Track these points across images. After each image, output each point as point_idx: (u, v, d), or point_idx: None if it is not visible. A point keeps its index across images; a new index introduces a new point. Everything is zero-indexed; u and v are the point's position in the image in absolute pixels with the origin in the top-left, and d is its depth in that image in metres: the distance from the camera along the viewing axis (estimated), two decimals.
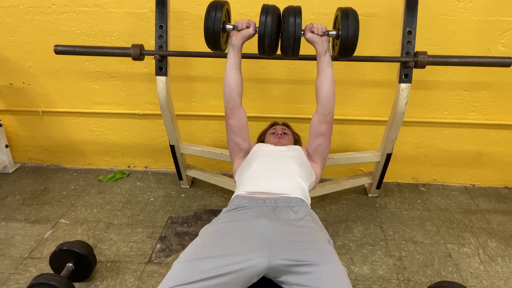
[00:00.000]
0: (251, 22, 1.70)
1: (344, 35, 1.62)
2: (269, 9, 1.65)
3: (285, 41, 1.64)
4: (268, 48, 1.69)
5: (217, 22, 1.64)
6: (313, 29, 1.68)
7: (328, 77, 1.69)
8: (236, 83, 1.74)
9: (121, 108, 2.74)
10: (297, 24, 1.59)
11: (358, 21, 1.63)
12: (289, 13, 1.62)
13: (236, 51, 1.72)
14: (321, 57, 1.69)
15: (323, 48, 1.67)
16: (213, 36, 1.66)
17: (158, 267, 2.04)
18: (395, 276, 2.00)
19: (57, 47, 2.06)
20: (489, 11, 2.24)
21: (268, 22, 1.61)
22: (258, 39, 1.67)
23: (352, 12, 1.65)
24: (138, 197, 2.66)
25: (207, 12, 1.65)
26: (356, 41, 1.64)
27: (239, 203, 1.56)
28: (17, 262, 2.06)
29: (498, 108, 2.54)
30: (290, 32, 1.60)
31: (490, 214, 2.52)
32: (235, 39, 1.71)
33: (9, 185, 2.78)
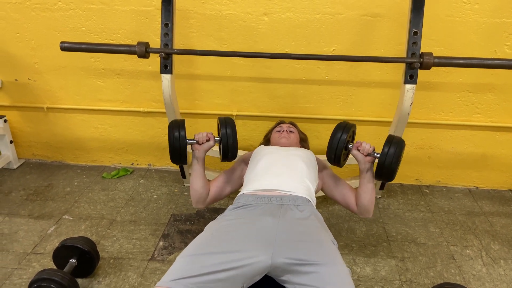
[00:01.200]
0: (210, 135, 1.74)
1: (382, 162, 1.61)
2: (226, 121, 1.72)
3: (328, 151, 1.69)
4: (231, 157, 1.74)
5: (182, 140, 1.68)
6: (359, 148, 1.69)
7: (369, 192, 1.70)
8: (204, 188, 1.78)
9: (126, 106, 2.74)
10: (341, 140, 1.64)
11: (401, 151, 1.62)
12: (338, 128, 1.68)
13: (201, 162, 1.76)
14: (362, 173, 1.70)
15: (365, 167, 1.69)
16: (180, 154, 1.70)
17: (161, 264, 2.05)
18: (398, 277, 2.00)
19: (63, 44, 2.07)
20: (496, 13, 2.24)
21: (229, 134, 1.68)
22: (222, 149, 1.72)
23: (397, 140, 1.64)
24: (141, 194, 2.67)
25: (171, 132, 1.69)
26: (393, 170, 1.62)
27: (245, 201, 1.57)
28: (20, 257, 2.07)
29: (503, 110, 2.53)
30: (333, 145, 1.66)
31: (494, 216, 2.52)
32: (198, 152, 1.75)
33: (13, 180, 2.80)
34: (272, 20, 2.35)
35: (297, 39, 2.39)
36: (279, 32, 2.38)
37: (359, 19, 2.31)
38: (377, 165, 1.64)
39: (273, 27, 2.37)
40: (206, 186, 1.79)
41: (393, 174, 1.62)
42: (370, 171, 1.69)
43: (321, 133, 2.70)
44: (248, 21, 2.37)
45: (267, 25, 2.37)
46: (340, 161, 1.71)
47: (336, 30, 2.35)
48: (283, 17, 2.34)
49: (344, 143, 1.66)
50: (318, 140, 2.69)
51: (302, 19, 2.34)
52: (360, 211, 1.75)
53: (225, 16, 2.36)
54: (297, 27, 2.36)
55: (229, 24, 2.38)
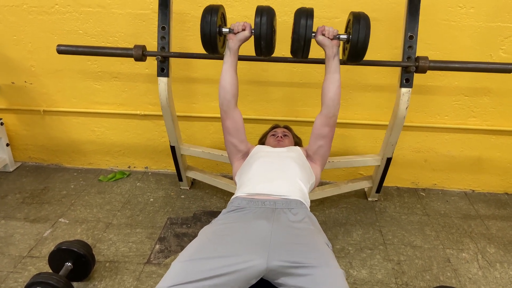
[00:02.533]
0: (246, 25, 1.71)
1: (355, 39, 1.62)
2: (263, 10, 1.66)
3: (295, 43, 1.65)
4: (265, 49, 1.71)
5: (213, 26, 1.65)
6: (324, 32, 1.68)
7: (335, 81, 1.70)
8: (232, 85, 1.76)
9: (122, 109, 2.74)
10: (308, 26, 1.59)
11: (369, 27, 1.63)
12: (301, 14, 1.63)
13: (233, 54, 1.74)
14: (330, 60, 1.69)
15: (333, 51, 1.68)
16: (210, 40, 1.67)
17: (157, 267, 2.04)
18: (394, 281, 2.00)
19: (59, 47, 2.07)
20: (491, 17, 2.25)
21: (263, 23, 1.62)
22: (254, 41, 1.69)
23: (364, 17, 1.64)
24: (138, 197, 2.66)
25: (203, 17, 1.66)
26: (366, 46, 1.64)
27: (238, 205, 1.57)
28: (16, 260, 2.06)
29: (499, 114, 2.54)
30: (301, 33, 1.61)
31: (490, 219, 2.52)
32: (231, 42, 1.73)
33: (9, 183, 2.79)
34: None
35: None
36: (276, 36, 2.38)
37: None
38: (350, 45, 1.63)
39: None
40: (235, 86, 1.76)
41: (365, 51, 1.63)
42: (337, 56, 1.69)
43: None
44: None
45: None
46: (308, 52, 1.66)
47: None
48: (279, 20, 2.34)
49: (312, 29, 1.60)
50: None
51: None
52: (328, 108, 1.73)
53: None
54: None
55: None
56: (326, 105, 1.74)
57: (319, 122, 1.79)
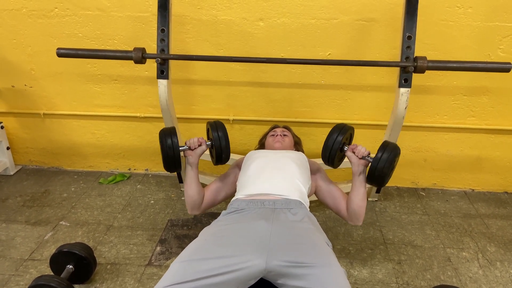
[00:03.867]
0: (201, 140, 1.76)
1: (374, 166, 1.62)
2: (216, 125, 1.75)
3: (323, 151, 1.72)
4: (225, 159, 1.77)
5: (176, 148, 1.70)
6: (354, 150, 1.71)
7: (360, 196, 1.70)
8: (199, 194, 1.79)
9: (122, 111, 2.75)
10: (337, 141, 1.67)
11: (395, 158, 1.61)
12: (336, 129, 1.70)
13: (194, 167, 1.78)
14: (355, 176, 1.71)
15: (358, 170, 1.70)
16: (174, 161, 1.72)
17: (158, 269, 2.05)
18: (394, 280, 2.01)
19: (59, 50, 2.08)
20: (489, 16, 2.26)
21: (221, 137, 1.71)
22: (215, 153, 1.74)
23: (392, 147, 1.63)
24: (139, 199, 2.67)
25: (163, 140, 1.70)
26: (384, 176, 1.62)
27: (237, 206, 1.58)
28: (17, 263, 2.07)
29: (498, 113, 2.55)
30: (328, 145, 1.69)
31: (490, 218, 2.53)
32: (191, 158, 1.76)
33: (10, 187, 2.79)
34: (267, 25, 2.37)
35: (293, 43, 2.41)
36: (275, 37, 2.40)
37: (354, 23, 2.33)
38: (369, 169, 1.65)
39: (269, 32, 2.39)
40: (201, 192, 1.80)
41: (384, 180, 1.63)
42: (363, 175, 1.70)
43: (317, 137, 2.71)
44: (244, 26, 2.38)
45: (263, 30, 2.39)
46: (334, 162, 1.72)
47: (331, 35, 2.37)
48: (278, 22, 2.36)
49: (340, 144, 1.67)
50: (315, 144, 2.70)
51: (298, 24, 2.35)
52: (350, 216, 1.75)
53: (221, 22, 2.38)
54: (293, 32, 2.38)
55: (225, 29, 2.40)
56: (350, 215, 1.75)
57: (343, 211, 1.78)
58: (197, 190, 1.78)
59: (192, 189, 1.77)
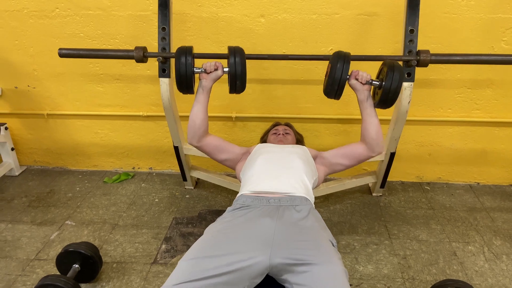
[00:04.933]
0: (218, 64, 1.75)
1: (387, 87, 1.64)
2: (235, 50, 1.72)
3: (329, 85, 1.69)
4: (240, 88, 1.76)
5: (189, 67, 1.68)
6: (357, 77, 1.71)
7: (374, 123, 1.73)
8: (203, 121, 1.80)
9: (125, 110, 2.75)
10: (345, 70, 1.64)
11: (403, 77, 1.65)
12: (338, 58, 1.68)
13: (206, 92, 1.77)
14: (363, 103, 1.72)
15: (364, 96, 1.71)
16: (186, 80, 1.71)
17: (164, 267, 2.06)
18: (400, 275, 2.00)
19: (61, 50, 2.08)
20: (492, 8, 2.24)
21: (238, 63, 1.69)
22: (229, 80, 1.73)
23: (398, 67, 1.66)
24: (143, 198, 2.68)
25: (178, 58, 1.69)
26: (397, 95, 1.66)
27: (243, 202, 1.58)
28: (24, 263, 2.08)
29: (502, 105, 2.53)
30: (336, 77, 1.66)
31: (495, 212, 2.52)
32: (205, 81, 1.76)
33: (15, 187, 2.81)
34: (268, 21, 2.36)
35: (294, 39, 2.40)
36: (276, 33, 2.39)
37: (356, 18, 2.32)
38: (383, 91, 1.66)
39: (270, 29, 2.38)
40: (205, 122, 1.80)
41: (396, 98, 1.66)
42: (370, 100, 1.72)
43: (320, 133, 2.70)
44: (245, 23, 2.38)
45: (264, 27, 2.38)
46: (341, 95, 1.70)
47: (333, 30, 2.36)
48: (279, 18, 2.35)
49: (347, 73, 1.64)
50: (318, 139, 2.70)
51: (299, 19, 2.34)
52: (372, 147, 1.76)
53: (222, 19, 2.37)
54: (294, 27, 2.37)
55: (226, 26, 2.39)
56: (369, 144, 1.76)
57: (361, 150, 1.79)
58: (203, 117, 1.77)
59: (199, 115, 1.77)
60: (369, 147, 1.77)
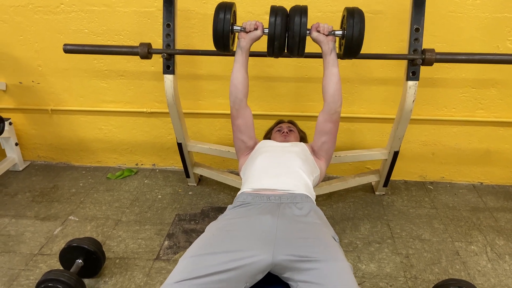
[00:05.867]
0: (258, 24, 1.70)
1: (349, 35, 1.61)
2: (278, 10, 1.65)
3: (290, 40, 1.64)
4: (277, 49, 1.69)
5: (226, 23, 1.63)
6: (319, 29, 1.68)
7: (334, 77, 1.69)
8: (243, 84, 1.76)
9: (129, 107, 2.76)
10: (303, 23, 1.59)
11: (364, 21, 1.62)
12: (295, 12, 1.63)
13: (245, 52, 1.73)
14: (327, 56, 1.69)
15: (329, 47, 1.68)
16: (222, 38, 1.66)
17: (166, 263, 2.06)
18: (402, 274, 2.00)
19: (66, 46, 2.08)
20: (498, 8, 2.23)
21: (278, 23, 1.61)
22: (268, 41, 1.67)
23: (357, 11, 1.63)
24: (146, 194, 2.68)
25: (216, 13, 1.64)
26: (361, 41, 1.62)
27: (243, 200, 1.58)
28: (27, 258, 2.09)
29: (507, 105, 2.52)
30: (295, 31, 1.60)
31: (498, 212, 2.51)
32: (243, 41, 1.71)
33: (19, 182, 2.82)
34: None
35: None
36: None
37: None
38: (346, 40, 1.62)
39: None
40: (246, 82, 1.76)
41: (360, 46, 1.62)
42: (334, 52, 1.69)
43: None
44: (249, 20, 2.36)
45: None
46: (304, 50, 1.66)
47: (338, 28, 2.34)
48: None
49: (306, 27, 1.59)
50: None
51: None
52: (329, 105, 1.72)
53: None
54: None
55: None
56: (327, 102, 1.74)
57: (322, 118, 1.78)
58: (242, 78, 1.73)
59: (238, 76, 1.73)
60: (327, 107, 1.72)
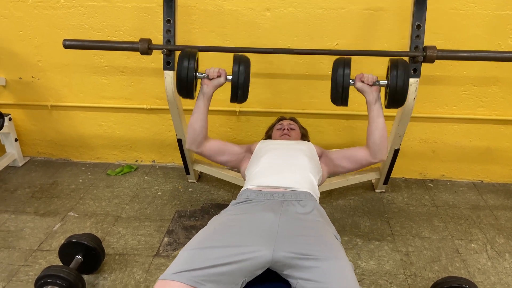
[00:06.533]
0: (221, 71, 1.71)
1: (393, 85, 1.61)
2: (240, 59, 1.68)
3: (333, 90, 1.67)
4: (241, 97, 1.72)
5: (190, 71, 1.65)
6: (363, 79, 1.68)
7: (379, 127, 1.68)
8: (203, 128, 1.77)
9: (129, 103, 2.75)
10: (346, 75, 1.61)
11: (408, 72, 1.62)
12: (338, 64, 1.65)
13: (207, 98, 1.74)
14: (371, 106, 1.69)
15: (373, 97, 1.68)
16: (186, 85, 1.68)
17: (166, 260, 2.06)
18: (402, 271, 2.00)
19: (66, 42, 2.07)
20: (500, 5, 2.22)
21: (241, 72, 1.64)
22: (232, 89, 1.69)
23: (401, 62, 1.63)
24: (146, 191, 2.68)
25: (180, 61, 1.66)
26: (406, 91, 1.62)
27: (247, 196, 1.58)
28: (26, 254, 2.09)
29: (508, 103, 2.51)
30: (338, 82, 1.63)
31: (499, 210, 2.51)
32: (206, 87, 1.72)
33: (19, 178, 2.82)
34: (274, 15, 2.35)
35: (300, 34, 2.39)
36: (282, 27, 2.38)
37: (362, 13, 2.30)
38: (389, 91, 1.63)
39: (276, 22, 2.37)
40: (205, 128, 1.78)
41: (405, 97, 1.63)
42: (379, 102, 1.68)
43: (324, 128, 2.69)
44: (250, 16, 2.36)
45: (270, 21, 2.36)
46: (347, 99, 1.67)
47: (339, 25, 2.34)
48: (285, 12, 2.34)
49: (349, 77, 1.62)
50: (322, 135, 2.69)
51: (305, 14, 2.33)
52: (374, 153, 1.72)
53: (227, 12, 2.36)
54: (300, 22, 2.35)
55: (231, 20, 2.38)
56: (372, 150, 1.73)
57: (363, 154, 1.76)
58: (202, 124, 1.75)
59: (198, 121, 1.74)
60: (371, 152, 1.73)
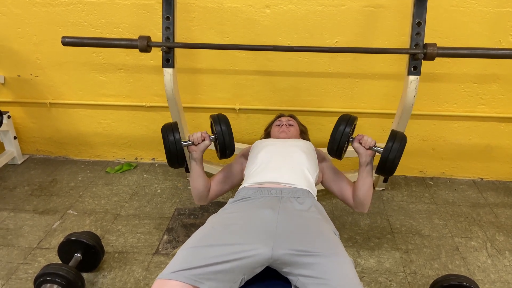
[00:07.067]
0: (204, 135, 1.72)
1: (385, 157, 1.60)
2: (219, 118, 1.70)
3: (330, 144, 1.68)
4: (229, 154, 1.73)
5: (178, 143, 1.66)
6: (361, 141, 1.68)
7: (366, 185, 1.69)
8: (205, 187, 1.78)
9: (128, 100, 2.74)
10: (345, 133, 1.63)
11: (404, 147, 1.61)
12: (341, 120, 1.67)
13: (199, 162, 1.75)
14: (362, 167, 1.69)
15: (365, 160, 1.68)
16: (177, 157, 1.69)
17: (165, 258, 2.06)
18: (402, 269, 2.00)
19: (64, 39, 2.06)
20: (500, 2, 2.21)
21: (225, 131, 1.66)
22: (220, 150, 1.71)
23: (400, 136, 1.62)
24: (145, 188, 2.67)
25: (164, 136, 1.67)
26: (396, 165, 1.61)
27: (244, 194, 1.57)
28: (25, 252, 2.08)
29: (508, 101, 2.51)
30: (336, 138, 1.65)
31: (499, 208, 2.51)
32: (195, 153, 1.73)
33: (18, 176, 2.81)
34: (274, 12, 2.34)
35: (300, 31, 2.38)
36: (281, 25, 2.37)
37: (362, 10, 2.29)
38: (380, 160, 1.62)
39: (275, 20, 2.36)
40: (207, 184, 1.80)
41: (394, 169, 1.62)
42: (370, 165, 1.69)
43: (324, 126, 2.69)
44: (250, 13, 2.35)
45: (269, 18, 2.35)
46: (341, 154, 1.70)
47: (339, 22, 2.33)
48: (285, 9, 2.33)
49: (348, 136, 1.65)
50: (322, 133, 2.68)
51: (304, 11, 2.32)
52: (356, 204, 1.75)
53: (226, 9, 2.35)
54: (299, 19, 2.34)
55: (231, 17, 2.37)
56: (356, 204, 1.74)
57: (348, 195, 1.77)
58: (203, 183, 1.77)
59: (198, 183, 1.76)
60: (354, 203, 1.75)
